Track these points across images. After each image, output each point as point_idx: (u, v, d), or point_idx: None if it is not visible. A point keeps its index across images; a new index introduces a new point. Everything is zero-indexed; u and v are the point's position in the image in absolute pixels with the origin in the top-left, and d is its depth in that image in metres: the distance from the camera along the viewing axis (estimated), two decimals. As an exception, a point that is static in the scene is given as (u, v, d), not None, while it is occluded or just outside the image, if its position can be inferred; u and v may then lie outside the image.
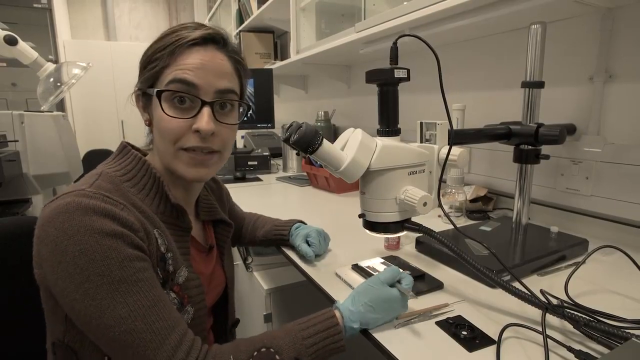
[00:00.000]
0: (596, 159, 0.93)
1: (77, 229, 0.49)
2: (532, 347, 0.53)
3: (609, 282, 0.72)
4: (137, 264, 0.52)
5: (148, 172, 0.63)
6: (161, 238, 0.59)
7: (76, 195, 0.52)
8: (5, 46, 1.76)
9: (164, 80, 0.60)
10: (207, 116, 0.60)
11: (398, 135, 0.68)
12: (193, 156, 0.62)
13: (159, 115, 0.61)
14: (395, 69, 0.63)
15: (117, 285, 0.49)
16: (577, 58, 0.97)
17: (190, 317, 0.62)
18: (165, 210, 0.64)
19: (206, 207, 0.78)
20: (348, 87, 2.06)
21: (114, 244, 0.50)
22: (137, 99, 0.66)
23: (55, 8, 3.82)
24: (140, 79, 0.64)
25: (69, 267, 0.49)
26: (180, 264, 0.62)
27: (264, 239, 0.96)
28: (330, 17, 1.88)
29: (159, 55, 0.60)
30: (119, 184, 0.59)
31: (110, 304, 0.49)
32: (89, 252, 0.49)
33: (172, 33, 0.62)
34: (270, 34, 2.71)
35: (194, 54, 0.60)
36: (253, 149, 2.11)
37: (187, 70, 0.59)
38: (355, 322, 0.58)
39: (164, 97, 0.60)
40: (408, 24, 1.07)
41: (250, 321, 1.45)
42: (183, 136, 0.61)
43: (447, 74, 0.80)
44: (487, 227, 0.96)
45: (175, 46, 0.60)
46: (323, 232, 0.89)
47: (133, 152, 0.65)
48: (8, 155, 1.71)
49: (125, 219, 0.53)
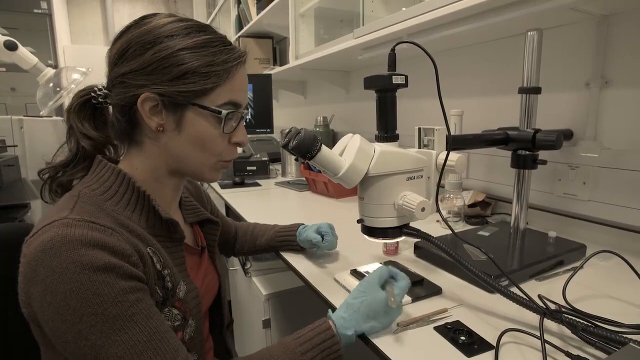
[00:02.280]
0: (593, 164, 0.94)
1: (66, 267, 0.46)
2: (530, 353, 0.53)
3: (607, 287, 0.72)
4: (131, 296, 0.49)
5: (130, 186, 0.60)
6: (156, 256, 0.57)
7: (59, 227, 0.49)
8: (5, 51, 1.77)
9: (216, 99, 0.59)
10: (244, 129, 0.65)
11: (396, 141, 0.68)
12: (226, 165, 0.66)
13: (203, 129, 0.59)
14: (393, 76, 0.63)
15: (111, 323, 0.47)
16: (573, 64, 0.98)
17: (192, 330, 0.61)
18: (154, 223, 0.61)
19: (190, 209, 0.77)
20: (347, 92, 2.07)
21: (107, 279, 0.48)
22: (150, 102, 0.57)
23: (55, 13, 3.84)
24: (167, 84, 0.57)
25: (61, 309, 0.46)
26: (178, 279, 0.61)
27: (267, 246, 0.95)
28: (329, 23, 1.89)
29: (212, 70, 0.57)
30: (100, 204, 0.56)
31: (105, 344, 0.47)
32: (80, 290, 0.46)
33: (214, 44, 0.59)
34: (269, 40, 2.72)
35: (240, 73, 0.62)
36: (252, 154, 2.11)
37: (238, 92, 0.61)
38: (348, 329, 0.58)
39: (227, 116, 0.60)
40: (406, 30, 1.08)
41: (249, 326, 1.45)
42: (224, 150, 0.63)
43: (445, 80, 0.81)
44: (485, 232, 0.96)
45: (232, 65, 0.60)
46: (333, 226, 0.91)
47: (109, 165, 0.61)
48: (7, 160, 1.71)
49: (115, 247, 0.50)
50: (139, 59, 0.57)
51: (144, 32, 0.58)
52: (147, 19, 0.60)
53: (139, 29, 0.58)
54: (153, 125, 0.59)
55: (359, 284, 0.64)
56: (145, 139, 0.61)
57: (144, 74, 0.57)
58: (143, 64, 0.56)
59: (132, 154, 0.63)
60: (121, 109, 0.60)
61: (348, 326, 0.58)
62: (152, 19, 0.60)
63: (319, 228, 0.89)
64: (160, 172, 0.64)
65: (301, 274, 0.82)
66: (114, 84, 0.60)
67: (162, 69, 0.56)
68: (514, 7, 0.83)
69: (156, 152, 0.62)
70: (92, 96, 0.63)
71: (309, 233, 0.88)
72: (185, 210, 0.75)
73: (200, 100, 0.58)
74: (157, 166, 0.63)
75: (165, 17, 0.60)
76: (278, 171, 2.07)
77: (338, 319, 0.59)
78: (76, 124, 0.63)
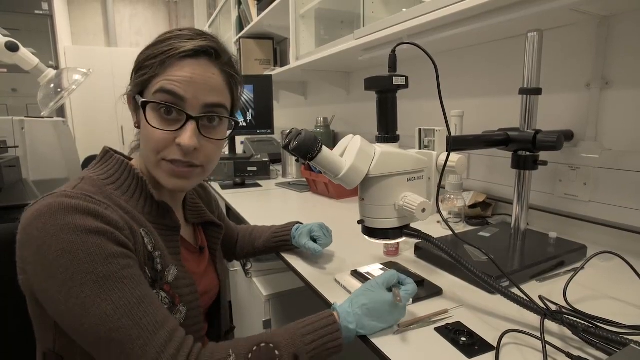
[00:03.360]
0: (594, 165, 0.94)
1: (59, 228, 0.48)
2: (531, 353, 0.53)
3: (608, 288, 0.72)
4: (121, 260, 0.51)
5: (131, 174, 0.63)
6: (148, 237, 0.59)
7: (57, 196, 0.51)
8: (6, 52, 1.77)
9: (152, 89, 0.60)
10: (191, 132, 0.59)
11: (397, 142, 0.68)
12: (174, 168, 0.61)
13: (145, 123, 0.60)
14: (393, 77, 0.64)
15: (101, 282, 0.48)
16: (573, 65, 0.98)
17: (183, 316, 0.61)
18: (151, 210, 0.64)
19: (194, 209, 0.78)
20: (347, 93, 2.07)
21: (98, 241, 0.50)
22: (129, 100, 0.65)
23: (56, 14, 3.85)
24: (132, 83, 0.64)
25: (52, 268, 0.48)
26: (169, 263, 0.61)
27: (264, 248, 0.95)
28: (330, 24, 1.89)
29: (149, 63, 0.60)
30: (102, 187, 0.59)
31: (95, 302, 0.48)
32: (72, 250, 0.48)
33: (165, 41, 0.61)
34: (270, 41, 2.72)
35: (185, 66, 0.59)
36: (252, 154, 2.11)
37: (175, 82, 0.58)
38: (351, 322, 0.58)
39: (149, 107, 0.60)
40: (407, 31, 1.08)
41: (250, 327, 1.45)
42: (166, 148, 0.60)
43: (445, 81, 0.81)
44: (486, 233, 0.96)
45: (167, 57, 0.59)
46: (324, 225, 0.90)
47: (115, 156, 0.65)
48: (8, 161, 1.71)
49: (109, 217, 0.52)
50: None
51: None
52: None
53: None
54: (134, 123, 0.65)
55: (366, 283, 0.64)
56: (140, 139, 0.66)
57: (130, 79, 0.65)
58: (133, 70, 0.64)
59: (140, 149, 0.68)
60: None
61: (351, 320, 0.58)
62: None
63: (311, 232, 0.88)
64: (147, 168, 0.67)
65: (302, 274, 0.82)
66: None
67: (133, 71, 0.64)
68: (515, 8, 0.83)
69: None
70: None
71: (304, 240, 0.87)
72: (188, 210, 0.77)
73: (143, 93, 0.62)
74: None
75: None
76: (279, 172, 2.07)
77: (342, 312, 0.60)
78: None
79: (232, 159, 1.88)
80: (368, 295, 0.61)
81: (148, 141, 0.61)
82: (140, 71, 0.62)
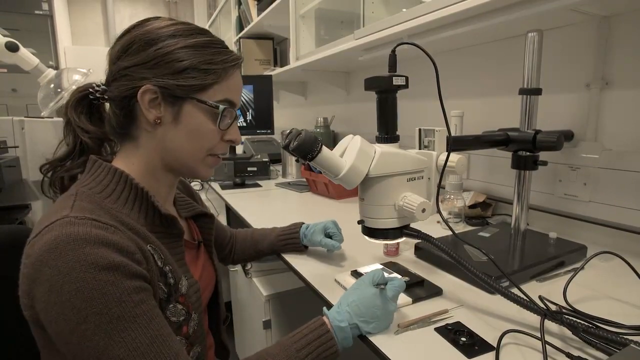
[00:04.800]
0: (594, 165, 0.94)
1: (71, 266, 0.46)
2: (531, 354, 0.53)
3: (608, 288, 0.72)
4: (135, 297, 0.50)
5: (128, 184, 0.60)
6: (156, 253, 0.58)
7: (62, 226, 0.49)
8: (6, 52, 1.77)
9: (214, 95, 0.62)
10: (237, 128, 0.68)
11: (397, 142, 0.68)
12: (218, 160, 0.68)
13: (199, 122, 0.62)
14: (393, 77, 0.64)
15: (115, 323, 0.47)
16: (573, 65, 0.98)
17: (196, 323, 0.62)
18: (154, 220, 0.62)
19: (183, 204, 0.78)
20: (347, 93, 2.07)
21: (112, 278, 0.48)
22: (150, 94, 0.59)
23: (56, 15, 3.84)
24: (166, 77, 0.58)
25: (65, 309, 0.47)
26: (180, 274, 0.61)
27: (270, 250, 0.95)
28: (330, 24, 1.89)
29: (211, 68, 0.61)
30: (99, 202, 0.56)
31: (108, 345, 0.47)
32: (85, 290, 0.46)
33: (213, 46, 0.62)
34: (270, 41, 2.72)
35: (237, 75, 0.66)
36: (252, 154, 2.11)
37: (234, 92, 0.65)
38: (342, 321, 0.59)
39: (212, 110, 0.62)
40: (407, 32, 1.08)
41: (250, 327, 1.45)
42: (216, 144, 0.65)
43: (445, 81, 0.81)
44: (486, 233, 0.96)
45: (229, 65, 0.63)
46: (337, 222, 0.92)
47: (104, 164, 0.61)
48: (8, 161, 1.71)
49: (120, 244, 0.50)
50: (142, 53, 0.59)
51: (147, 32, 0.60)
52: (150, 21, 0.63)
53: (141, 29, 0.61)
54: (151, 118, 0.60)
55: (354, 283, 0.65)
56: (141, 133, 0.63)
57: (147, 68, 0.59)
58: (146, 58, 0.59)
59: (128, 150, 0.64)
60: (120, 102, 0.61)
61: (341, 319, 0.59)
62: (154, 21, 0.63)
63: (326, 228, 0.90)
64: (155, 167, 0.64)
65: (302, 274, 0.82)
66: (115, 77, 0.61)
67: (164, 63, 0.59)
68: (515, 8, 0.83)
69: (152, 146, 0.63)
70: (89, 92, 0.65)
71: (319, 238, 0.88)
72: (179, 206, 0.76)
73: (198, 94, 0.61)
74: (153, 161, 0.64)
75: (167, 20, 0.63)
76: (279, 172, 2.07)
77: (331, 313, 0.61)
78: (74, 118, 0.65)
79: (232, 159, 1.88)
80: (355, 292, 0.62)
81: (201, 139, 0.63)
82: (193, 70, 0.59)
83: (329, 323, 0.59)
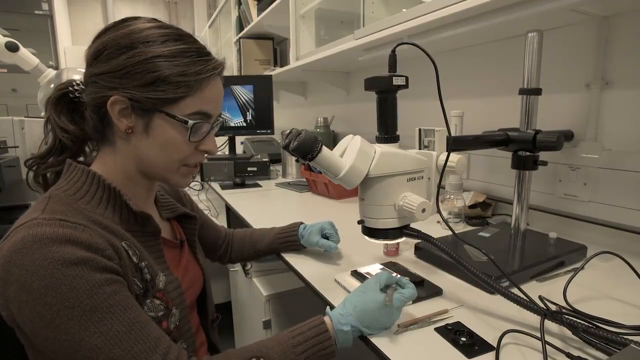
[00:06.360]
0: (594, 165, 0.94)
1: (38, 264, 0.47)
2: (531, 354, 0.53)
3: (608, 288, 0.72)
4: (107, 288, 0.50)
5: (101, 185, 0.60)
6: (131, 249, 0.58)
7: (30, 227, 0.49)
8: (6, 52, 1.77)
9: (185, 108, 0.59)
10: (214, 138, 0.66)
11: (397, 142, 0.68)
12: (192, 169, 0.66)
13: (169, 135, 0.59)
14: (393, 77, 0.64)
15: (89, 315, 0.48)
16: (573, 65, 0.98)
17: (177, 319, 0.62)
18: (129, 219, 0.62)
19: (165, 205, 0.78)
20: (347, 93, 2.07)
21: (80, 272, 0.48)
22: (119, 105, 0.58)
23: (56, 15, 3.85)
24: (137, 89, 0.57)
25: (37, 306, 0.47)
26: (157, 270, 0.61)
27: (268, 250, 0.95)
28: (330, 24, 1.89)
29: (183, 81, 0.57)
30: (72, 203, 0.56)
31: (85, 336, 0.47)
32: (54, 286, 0.47)
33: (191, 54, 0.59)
34: (270, 41, 2.72)
35: (214, 85, 0.62)
36: (252, 155, 2.11)
37: (209, 103, 0.61)
38: (345, 325, 0.58)
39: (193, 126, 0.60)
40: (407, 32, 1.08)
41: (250, 327, 1.45)
42: (189, 155, 0.63)
43: (445, 81, 0.81)
44: (486, 233, 0.96)
45: (205, 77, 0.59)
46: (333, 223, 0.92)
47: (79, 167, 0.61)
48: (8, 161, 1.71)
49: (88, 241, 0.50)
50: (112, 61, 0.57)
51: (121, 36, 0.58)
52: (128, 22, 0.61)
53: (116, 31, 0.59)
54: (122, 127, 0.59)
55: (360, 285, 0.65)
56: (117, 139, 0.62)
57: (116, 77, 0.57)
58: (116, 67, 0.57)
59: (105, 153, 0.64)
60: (93, 108, 0.61)
61: (344, 322, 0.59)
62: (132, 22, 0.61)
63: (322, 229, 0.90)
64: (131, 172, 0.64)
65: (302, 274, 0.82)
66: (87, 82, 0.61)
67: (134, 73, 0.57)
68: (515, 8, 0.83)
69: (127, 152, 0.62)
70: (69, 90, 0.64)
71: (316, 238, 0.88)
72: (160, 207, 0.76)
73: (169, 108, 0.58)
74: (129, 166, 0.63)
75: (145, 22, 0.61)
76: (278, 172, 2.07)
77: (335, 315, 0.60)
78: (53, 116, 0.64)
79: (232, 159, 1.88)
80: (361, 296, 0.61)
81: (172, 151, 0.61)
82: (163, 84, 0.57)
83: (331, 324, 0.59)
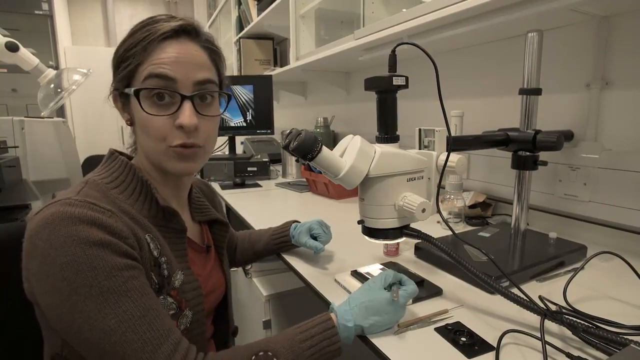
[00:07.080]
0: (594, 165, 0.94)
1: (63, 240, 0.48)
2: (531, 354, 0.53)
3: (608, 288, 0.72)
4: (125, 272, 0.51)
5: (136, 177, 0.63)
6: (153, 242, 0.58)
7: (61, 205, 0.51)
8: (6, 52, 1.77)
9: (140, 78, 0.59)
10: (189, 110, 0.60)
11: (397, 142, 0.68)
12: (182, 150, 0.61)
13: (141, 114, 0.60)
14: (393, 77, 0.63)
15: (105, 295, 0.48)
16: (573, 65, 0.98)
17: (189, 320, 0.62)
18: (157, 213, 0.63)
19: (199, 207, 0.78)
20: (347, 93, 2.07)
21: (102, 253, 0.49)
22: (115, 99, 0.65)
23: (56, 15, 3.84)
24: (116, 79, 0.63)
25: (57, 281, 0.48)
26: (175, 268, 0.61)
27: (265, 251, 0.95)
28: (330, 24, 1.89)
29: (131, 53, 0.59)
30: (106, 191, 0.58)
31: (99, 316, 0.48)
32: (75, 263, 0.48)
33: (142, 28, 0.61)
34: (270, 41, 2.72)
35: (167, 47, 0.59)
36: (252, 155, 2.11)
37: (162, 65, 0.58)
38: (349, 320, 0.58)
39: (142, 95, 0.59)
40: (407, 32, 1.08)
41: (250, 328, 1.45)
42: (168, 134, 0.60)
43: (445, 81, 0.81)
44: (486, 233, 0.96)
45: (147, 41, 0.59)
46: (323, 221, 0.91)
47: (120, 158, 0.64)
48: (8, 161, 1.71)
49: (112, 226, 0.52)
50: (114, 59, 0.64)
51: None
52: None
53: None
54: (126, 121, 0.65)
55: (365, 283, 0.65)
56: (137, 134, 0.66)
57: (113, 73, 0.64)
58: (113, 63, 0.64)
59: (138, 148, 0.67)
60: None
61: (349, 318, 0.59)
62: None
63: (311, 229, 0.89)
64: (149, 165, 0.66)
65: (302, 274, 0.82)
66: None
67: (114, 67, 0.63)
68: (515, 8, 0.83)
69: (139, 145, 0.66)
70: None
71: (304, 239, 0.87)
72: (194, 209, 0.77)
73: (131, 85, 0.61)
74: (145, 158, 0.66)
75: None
76: (278, 172, 2.07)
77: (340, 311, 0.60)
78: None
79: (232, 159, 1.88)
80: (366, 293, 0.61)
81: (148, 130, 0.60)
82: (122, 64, 0.61)
83: (336, 319, 0.59)
